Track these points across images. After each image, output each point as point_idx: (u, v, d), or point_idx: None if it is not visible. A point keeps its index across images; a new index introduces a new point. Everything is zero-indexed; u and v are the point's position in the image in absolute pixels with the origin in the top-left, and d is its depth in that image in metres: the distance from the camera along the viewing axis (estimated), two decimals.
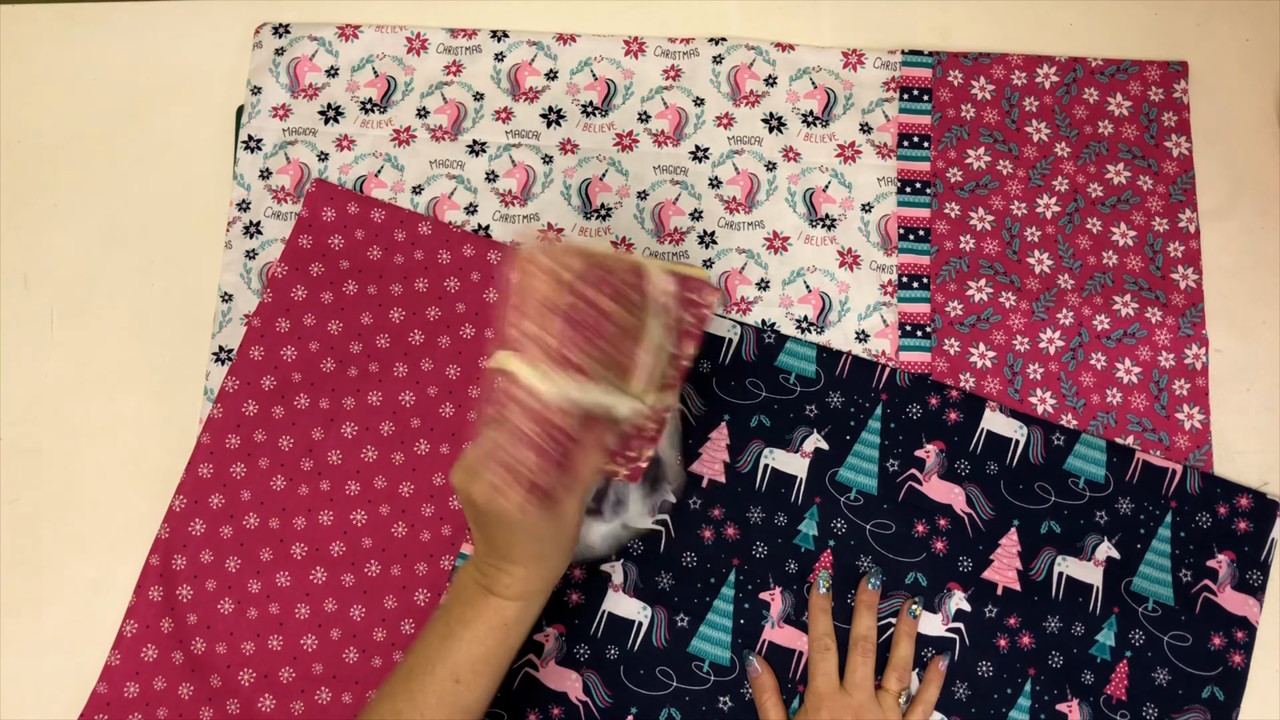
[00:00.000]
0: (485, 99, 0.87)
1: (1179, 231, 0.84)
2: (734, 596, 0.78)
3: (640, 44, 0.88)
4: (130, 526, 0.79)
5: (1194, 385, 0.81)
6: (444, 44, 0.88)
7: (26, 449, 0.82)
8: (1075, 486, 0.79)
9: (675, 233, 0.84)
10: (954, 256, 0.84)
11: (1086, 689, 0.76)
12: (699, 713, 0.76)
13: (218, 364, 0.81)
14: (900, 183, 0.85)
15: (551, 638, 0.77)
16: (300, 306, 0.82)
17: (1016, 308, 0.83)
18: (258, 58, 0.88)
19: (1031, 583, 0.78)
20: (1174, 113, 0.87)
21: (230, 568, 0.78)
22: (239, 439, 0.80)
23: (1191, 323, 0.82)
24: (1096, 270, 0.84)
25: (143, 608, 0.77)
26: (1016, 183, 0.85)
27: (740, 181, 0.86)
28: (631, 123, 0.87)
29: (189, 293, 0.84)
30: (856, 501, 0.79)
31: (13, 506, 0.81)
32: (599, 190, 0.85)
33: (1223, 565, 0.78)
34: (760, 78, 0.87)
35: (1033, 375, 0.82)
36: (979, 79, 0.87)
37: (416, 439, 0.80)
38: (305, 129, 0.86)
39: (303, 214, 0.84)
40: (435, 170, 0.86)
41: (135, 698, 0.76)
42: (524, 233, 0.84)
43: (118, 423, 0.82)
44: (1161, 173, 0.86)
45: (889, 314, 0.83)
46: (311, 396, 0.81)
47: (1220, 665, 0.76)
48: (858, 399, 0.80)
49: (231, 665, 0.76)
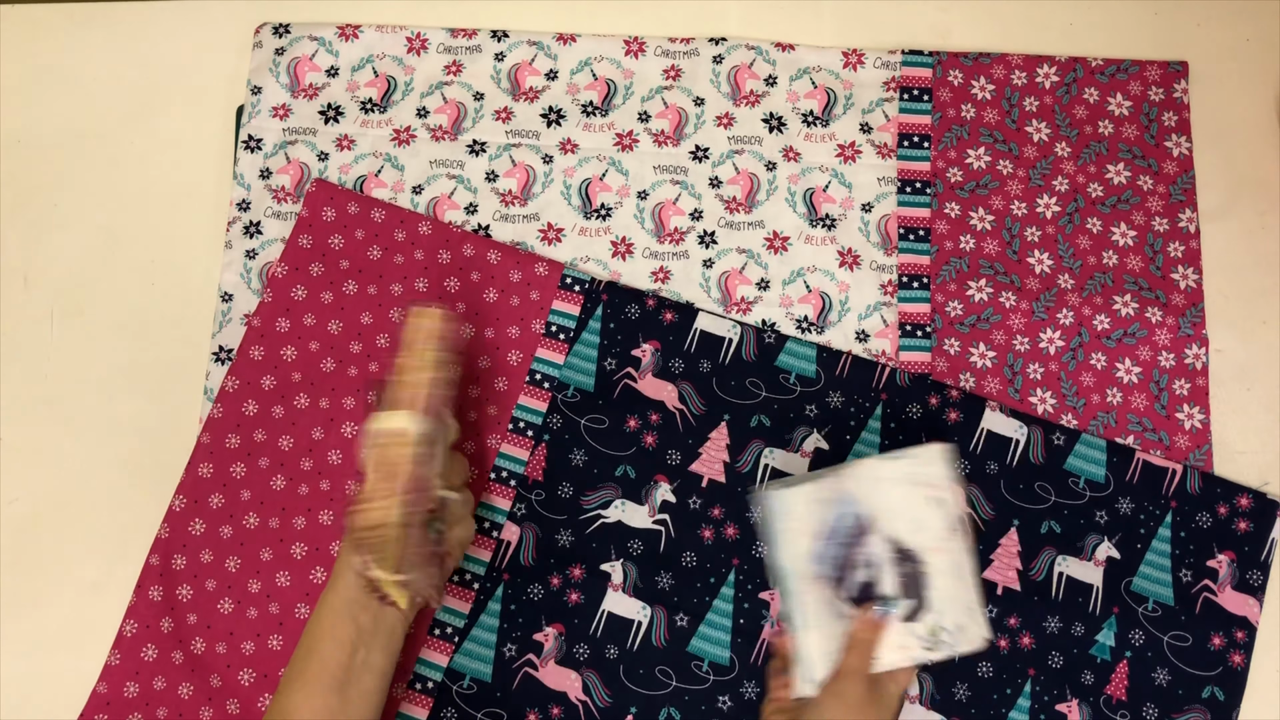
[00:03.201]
0: (485, 99, 0.87)
1: (1179, 231, 0.84)
2: (734, 596, 0.78)
3: (640, 44, 0.88)
4: (130, 526, 0.79)
5: (1194, 385, 0.81)
6: (444, 44, 0.88)
7: (26, 449, 0.82)
8: (1075, 486, 0.79)
9: (675, 233, 0.84)
10: (954, 256, 0.84)
11: (1086, 689, 0.76)
12: (698, 712, 0.76)
13: (218, 364, 0.81)
14: (900, 183, 0.85)
15: (551, 637, 0.77)
16: (300, 306, 0.82)
17: (1016, 308, 0.83)
18: (258, 58, 0.88)
19: (1031, 583, 0.78)
20: (1174, 113, 0.87)
21: (230, 568, 0.78)
22: (239, 439, 0.80)
23: (1191, 323, 0.82)
24: (1096, 270, 0.84)
25: (143, 607, 0.77)
26: (1016, 182, 0.85)
27: (740, 181, 0.86)
28: (631, 123, 0.87)
29: (189, 293, 0.84)
30: None
31: (13, 506, 0.81)
32: (599, 190, 0.85)
33: (1223, 565, 0.78)
34: (760, 78, 0.87)
35: (1033, 375, 0.82)
36: (979, 79, 0.87)
37: None
38: (305, 129, 0.86)
39: (303, 214, 0.84)
40: (435, 170, 0.86)
41: (135, 697, 0.76)
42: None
43: (118, 423, 0.82)
44: (1161, 173, 0.86)
45: (889, 314, 0.83)
46: (311, 396, 0.81)
47: (1220, 665, 0.76)
48: (858, 399, 0.80)
49: (231, 665, 0.76)
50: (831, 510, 0.69)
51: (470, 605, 0.78)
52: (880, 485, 0.69)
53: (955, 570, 0.68)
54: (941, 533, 0.68)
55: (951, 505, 0.69)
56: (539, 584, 0.78)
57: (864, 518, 0.68)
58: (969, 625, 0.69)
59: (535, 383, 0.81)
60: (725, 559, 0.78)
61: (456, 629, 0.77)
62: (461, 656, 0.77)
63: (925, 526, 0.69)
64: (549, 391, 0.81)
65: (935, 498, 0.69)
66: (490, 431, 0.80)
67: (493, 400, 0.81)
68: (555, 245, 0.84)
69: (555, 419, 0.80)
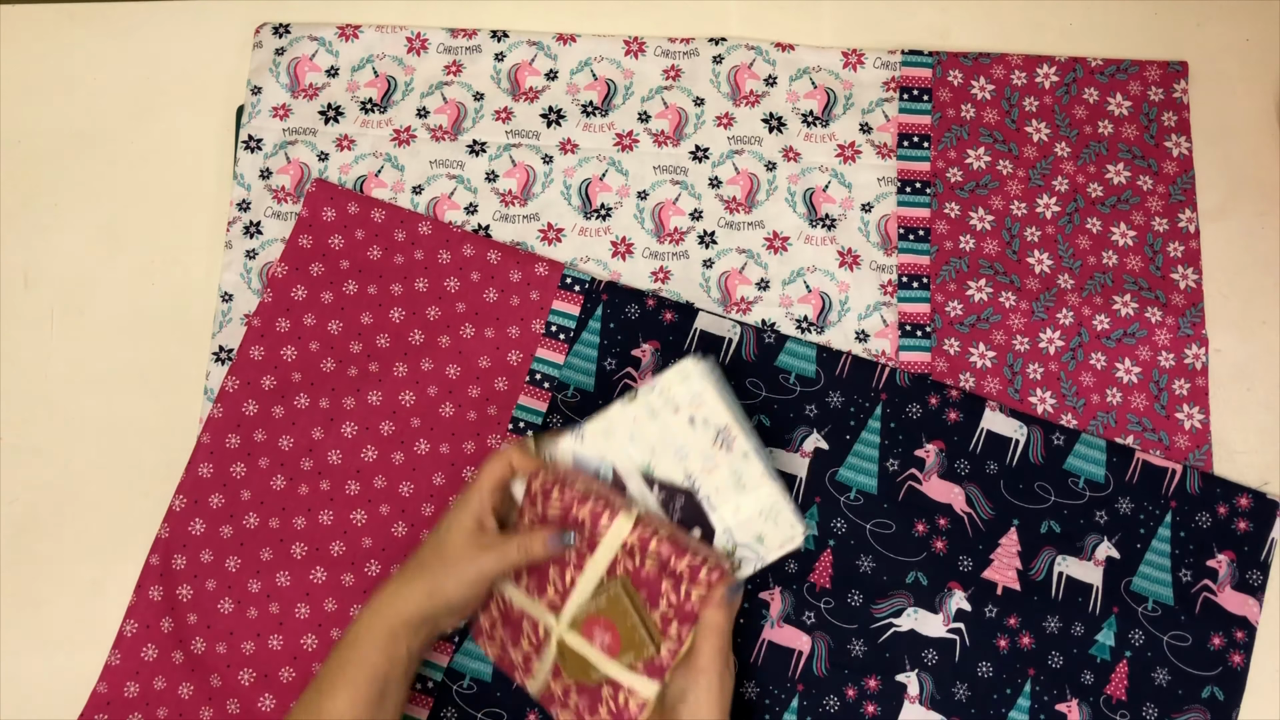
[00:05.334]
0: (485, 99, 0.87)
1: (1179, 231, 0.84)
2: None
3: (640, 44, 0.88)
4: (130, 526, 0.79)
5: (1194, 385, 0.81)
6: (444, 44, 0.88)
7: (26, 449, 0.82)
8: (1075, 486, 0.79)
9: (675, 233, 0.85)
10: (954, 256, 0.84)
11: (1086, 689, 0.76)
12: None
13: (218, 364, 0.81)
14: (900, 183, 0.85)
15: None
16: (300, 306, 0.82)
17: (1016, 308, 0.83)
18: (258, 58, 0.88)
19: (1031, 583, 0.78)
20: (1174, 113, 0.87)
21: (230, 567, 0.78)
22: (239, 439, 0.80)
23: (1191, 323, 0.82)
24: (1096, 270, 0.84)
25: (143, 607, 0.77)
26: (1016, 183, 0.85)
27: (740, 181, 0.86)
28: (631, 123, 0.87)
29: (189, 293, 0.84)
30: (856, 501, 0.79)
31: (13, 506, 0.81)
32: (599, 190, 0.85)
33: (1222, 565, 0.78)
34: (760, 78, 0.87)
35: (1033, 375, 0.82)
36: (979, 79, 0.87)
37: (416, 439, 0.80)
38: (305, 129, 0.86)
39: (303, 214, 0.84)
40: (435, 170, 0.86)
41: (135, 697, 0.76)
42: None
43: (118, 423, 0.82)
44: (1161, 173, 0.86)
45: (889, 314, 0.83)
46: (311, 396, 0.81)
47: (1220, 665, 0.76)
48: (858, 399, 0.80)
49: (231, 665, 0.76)
50: (590, 468, 0.69)
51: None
52: (636, 425, 0.68)
53: (734, 482, 0.67)
54: (706, 450, 0.67)
55: (713, 417, 0.67)
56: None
57: (617, 470, 0.69)
58: (770, 531, 0.67)
59: (535, 383, 0.81)
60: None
61: (456, 629, 0.77)
62: (462, 656, 0.77)
63: (690, 450, 0.67)
64: (549, 391, 0.81)
65: (693, 417, 0.67)
66: (490, 431, 0.80)
67: (493, 400, 0.81)
68: (555, 245, 0.84)
69: (555, 419, 0.80)
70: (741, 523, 0.68)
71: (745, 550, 0.67)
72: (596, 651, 0.66)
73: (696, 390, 0.68)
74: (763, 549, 0.68)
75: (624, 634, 0.65)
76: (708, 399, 0.68)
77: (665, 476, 0.68)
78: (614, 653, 0.65)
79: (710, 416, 0.68)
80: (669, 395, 0.69)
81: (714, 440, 0.67)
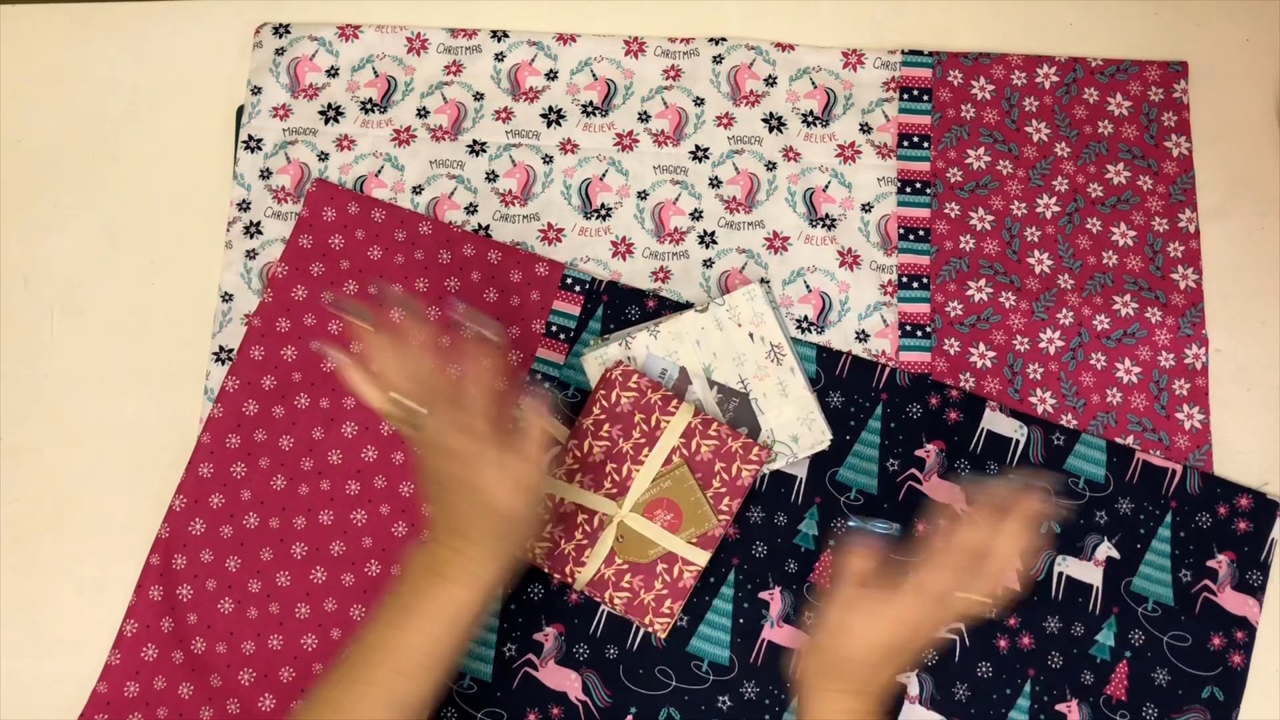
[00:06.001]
0: (485, 99, 0.87)
1: (1179, 231, 0.84)
2: (733, 596, 0.78)
3: (640, 44, 0.88)
4: (130, 526, 0.79)
5: (1194, 385, 0.81)
6: (444, 44, 0.88)
7: (26, 449, 0.82)
8: (1075, 486, 0.79)
9: (675, 233, 0.84)
10: (954, 256, 0.84)
11: (1086, 689, 0.76)
12: (698, 712, 0.76)
13: (218, 364, 0.81)
14: (900, 183, 0.85)
15: (551, 637, 0.77)
16: (300, 306, 0.82)
17: (1016, 308, 0.83)
18: (258, 58, 0.88)
19: (1031, 582, 0.78)
20: (1174, 113, 0.87)
21: (230, 567, 0.78)
22: (239, 439, 0.80)
23: (1191, 323, 0.82)
24: (1096, 270, 0.84)
25: (143, 607, 0.77)
26: (1016, 183, 0.85)
27: (740, 181, 0.86)
28: (631, 123, 0.87)
29: (189, 293, 0.84)
30: (857, 501, 0.79)
31: (13, 506, 0.81)
32: (599, 190, 0.85)
33: (1222, 565, 0.78)
34: (760, 78, 0.87)
35: (1033, 375, 0.82)
36: (979, 79, 0.87)
37: None
38: (305, 129, 0.86)
39: (303, 214, 0.84)
40: (435, 170, 0.86)
41: (135, 697, 0.76)
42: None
43: (118, 423, 0.82)
44: (1161, 173, 0.86)
45: (889, 314, 0.83)
46: (311, 396, 0.81)
47: (1220, 665, 0.76)
48: (858, 399, 0.80)
49: (231, 665, 0.76)
50: (654, 368, 0.79)
51: None
52: (703, 333, 0.79)
53: (780, 390, 0.79)
54: (760, 361, 0.79)
55: (769, 334, 0.79)
56: (539, 583, 0.78)
57: (686, 368, 0.79)
58: (804, 434, 0.78)
59: (535, 383, 0.81)
60: (725, 559, 0.78)
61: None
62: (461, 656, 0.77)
63: (747, 359, 0.79)
64: (549, 391, 0.81)
65: (752, 333, 0.79)
66: None
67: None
68: (555, 245, 0.84)
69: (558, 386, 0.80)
70: (782, 424, 0.79)
71: (781, 447, 0.78)
72: (658, 529, 0.76)
73: (759, 310, 0.80)
74: (796, 447, 0.78)
75: (686, 510, 0.76)
76: (767, 319, 0.80)
77: (723, 380, 0.79)
78: (674, 529, 0.76)
79: (767, 334, 0.80)
80: (735, 311, 0.80)
81: (767, 354, 0.79)
